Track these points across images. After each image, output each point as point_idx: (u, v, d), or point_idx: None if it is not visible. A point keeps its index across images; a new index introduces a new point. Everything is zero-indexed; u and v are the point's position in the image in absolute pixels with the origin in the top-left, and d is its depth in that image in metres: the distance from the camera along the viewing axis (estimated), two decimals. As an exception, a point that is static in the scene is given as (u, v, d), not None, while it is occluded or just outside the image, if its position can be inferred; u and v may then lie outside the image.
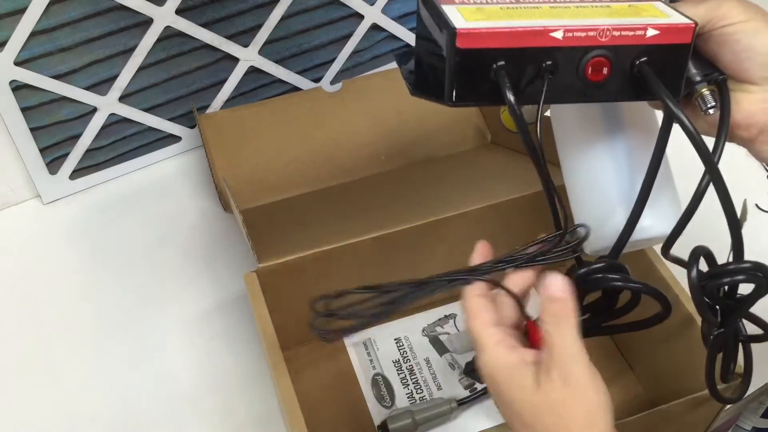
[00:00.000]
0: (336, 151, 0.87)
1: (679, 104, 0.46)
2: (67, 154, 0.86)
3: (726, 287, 0.51)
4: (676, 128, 0.47)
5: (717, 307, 0.52)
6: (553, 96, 0.46)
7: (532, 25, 0.44)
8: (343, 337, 0.49)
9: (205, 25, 0.83)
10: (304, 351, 0.77)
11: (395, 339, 0.79)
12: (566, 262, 0.51)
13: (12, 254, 0.85)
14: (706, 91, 0.50)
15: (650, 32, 0.45)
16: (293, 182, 0.84)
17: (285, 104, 0.87)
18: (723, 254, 0.51)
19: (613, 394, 0.45)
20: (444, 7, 0.46)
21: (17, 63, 0.76)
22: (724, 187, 0.46)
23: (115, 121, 0.87)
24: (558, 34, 0.44)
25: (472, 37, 0.44)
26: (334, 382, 0.76)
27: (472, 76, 0.45)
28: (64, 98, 0.81)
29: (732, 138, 0.51)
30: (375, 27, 0.94)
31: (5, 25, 0.73)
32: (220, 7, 0.83)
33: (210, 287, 0.82)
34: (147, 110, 0.87)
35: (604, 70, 0.46)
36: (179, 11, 0.80)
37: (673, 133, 0.48)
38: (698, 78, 0.50)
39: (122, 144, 0.89)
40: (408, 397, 0.75)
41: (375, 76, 0.93)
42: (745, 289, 0.50)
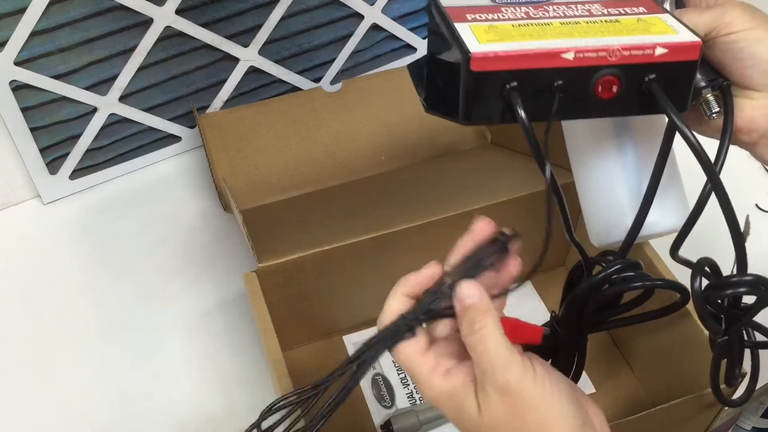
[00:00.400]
0: (336, 151, 0.87)
1: (684, 121, 0.46)
2: (67, 154, 0.86)
3: (729, 298, 0.52)
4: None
5: (722, 315, 0.53)
6: (564, 113, 0.47)
7: (544, 46, 0.45)
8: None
9: (205, 25, 0.83)
10: (304, 351, 0.77)
11: (395, 339, 0.79)
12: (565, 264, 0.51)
13: (12, 254, 0.85)
14: (710, 97, 0.51)
15: (659, 51, 0.46)
16: (293, 182, 0.84)
17: (285, 104, 0.87)
18: (730, 255, 0.51)
19: (613, 394, 0.45)
20: (457, 26, 0.47)
21: (17, 63, 0.76)
22: (726, 197, 0.47)
23: (115, 121, 0.87)
24: (569, 56, 0.45)
25: (487, 60, 0.45)
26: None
27: (485, 97, 0.46)
28: (64, 98, 0.81)
29: (734, 142, 0.52)
30: (375, 27, 0.94)
31: (5, 25, 0.73)
32: (220, 7, 0.83)
33: (210, 287, 0.82)
34: (147, 110, 0.87)
35: (614, 88, 0.46)
36: (179, 11, 0.80)
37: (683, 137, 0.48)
38: (703, 83, 0.51)
39: (122, 144, 0.89)
40: (408, 397, 0.75)
41: (375, 76, 0.93)
42: (751, 297, 0.51)
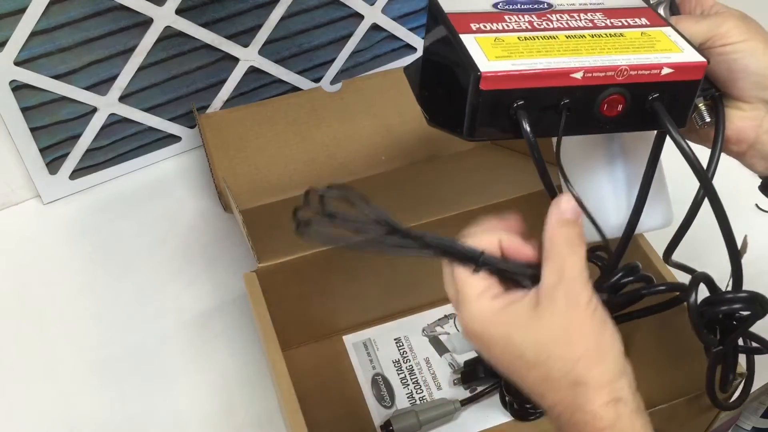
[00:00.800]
0: (336, 151, 0.87)
1: (684, 138, 0.47)
2: (67, 154, 0.86)
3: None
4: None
5: (716, 326, 0.53)
6: (567, 129, 0.47)
7: (553, 66, 0.45)
8: (320, 242, 0.45)
9: (205, 25, 0.83)
10: (304, 351, 0.77)
11: (395, 339, 0.79)
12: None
13: (12, 254, 0.85)
14: (702, 106, 0.52)
15: (665, 71, 0.46)
16: (293, 182, 0.84)
17: (285, 104, 0.87)
18: (724, 256, 0.51)
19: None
20: (463, 38, 0.47)
21: (17, 63, 0.76)
22: (723, 211, 0.48)
23: (115, 121, 0.86)
24: (578, 75, 0.45)
25: (496, 80, 0.45)
26: (334, 382, 0.76)
27: (492, 114, 0.46)
28: (64, 98, 0.81)
29: (724, 151, 0.52)
30: (375, 27, 0.94)
31: (5, 25, 0.73)
32: (220, 7, 0.83)
33: (210, 287, 0.82)
34: (147, 110, 0.87)
35: (619, 107, 0.47)
36: (179, 11, 0.80)
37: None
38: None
39: (122, 144, 0.89)
40: (408, 397, 0.75)
41: (375, 76, 0.93)
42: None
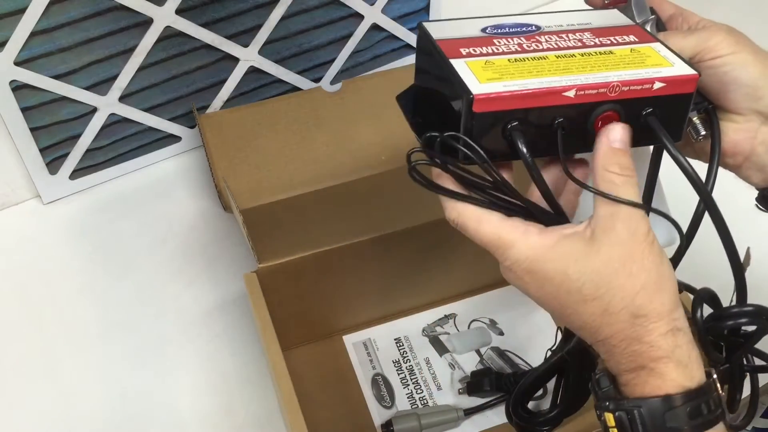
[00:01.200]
0: (336, 151, 0.87)
1: (680, 151, 0.46)
2: (67, 154, 0.86)
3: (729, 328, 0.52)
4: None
5: (722, 343, 0.53)
6: (565, 148, 0.47)
7: (545, 85, 0.45)
8: (438, 192, 0.46)
9: (205, 25, 0.83)
10: (304, 351, 0.77)
11: (395, 339, 0.79)
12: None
13: (12, 254, 0.85)
14: (697, 120, 0.51)
15: (657, 85, 0.46)
16: (293, 182, 0.84)
17: (285, 104, 0.87)
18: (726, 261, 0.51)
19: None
20: (454, 63, 0.47)
21: (17, 63, 0.76)
22: (724, 224, 0.47)
23: (115, 121, 0.86)
24: (570, 93, 0.45)
25: (489, 102, 0.44)
26: (334, 382, 0.76)
27: (488, 137, 0.46)
28: (64, 98, 0.81)
29: (720, 164, 0.52)
30: (375, 27, 0.94)
31: (5, 25, 0.73)
32: (220, 7, 0.83)
33: (210, 287, 0.82)
34: (147, 110, 0.87)
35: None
36: (179, 11, 0.80)
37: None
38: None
39: (122, 144, 0.89)
40: (408, 397, 0.75)
41: (375, 76, 0.93)
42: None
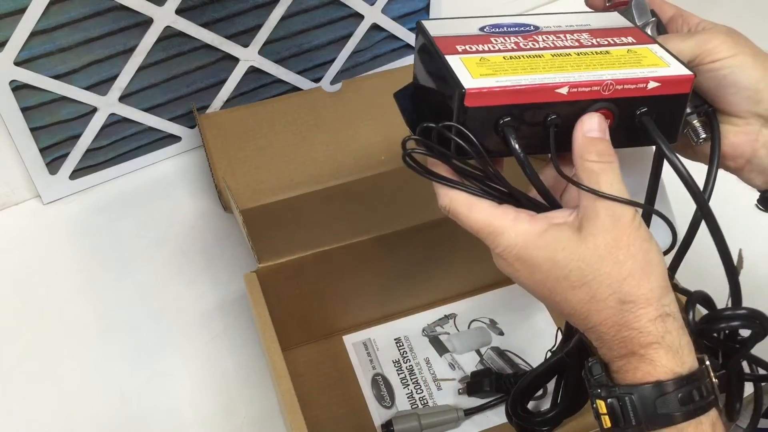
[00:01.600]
0: (336, 151, 0.87)
1: (675, 153, 0.47)
2: (67, 154, 0.86)
3: (725, 331, 0.52)
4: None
5: (718, 349, 0.52)
6: (559, 146, 0.47)
7: (537, 81, 0.45)
8: (432, 178, 0.47)
9: (205, 25, 0.83)
10: (304, 351, 0.77)
11: (395, 339, 0.79)
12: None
13: (12, 254, 0.85)
14: (696, 123, 0.51)
15: (651, 84, 0.46)
16: (293, 182, 0.84)
17: (285, 104, 0.87)
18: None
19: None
20: (449, 59, 0.47)
21: (17, 63, 0.76)
22: (718, 229, 0.47)
23: (115, 121, 0.86)
24: (563, 90, 0.45)
25: (481, 96, 0.44)
26: (334, 382, 0.76)
27: (480, 132, 0.46)
28: (64, 98, 0.81)
29: (720, 167, 0.52)
30: (375, 27, 0.94)
31: (5, 25, 0.73)
32: (220, 7, 0.83)
33: (210, 287, 0.82)
34: (147, 110, 0.87)
35: (608, 123, 0.46)
36: (179, 11, 0.80)
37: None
38: (688, 110, 0.50)
39: (122, 144, 0.89)
40: (408, 398, 0.75)
41: (375, 76, 0.93)
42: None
